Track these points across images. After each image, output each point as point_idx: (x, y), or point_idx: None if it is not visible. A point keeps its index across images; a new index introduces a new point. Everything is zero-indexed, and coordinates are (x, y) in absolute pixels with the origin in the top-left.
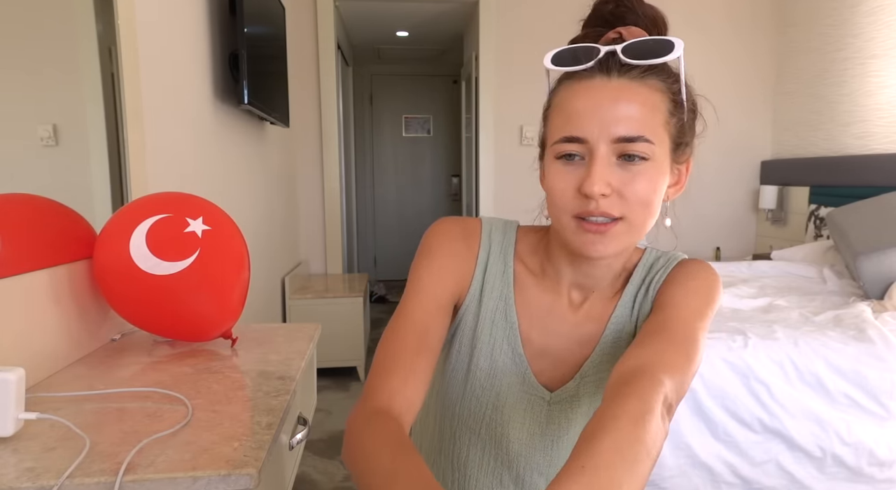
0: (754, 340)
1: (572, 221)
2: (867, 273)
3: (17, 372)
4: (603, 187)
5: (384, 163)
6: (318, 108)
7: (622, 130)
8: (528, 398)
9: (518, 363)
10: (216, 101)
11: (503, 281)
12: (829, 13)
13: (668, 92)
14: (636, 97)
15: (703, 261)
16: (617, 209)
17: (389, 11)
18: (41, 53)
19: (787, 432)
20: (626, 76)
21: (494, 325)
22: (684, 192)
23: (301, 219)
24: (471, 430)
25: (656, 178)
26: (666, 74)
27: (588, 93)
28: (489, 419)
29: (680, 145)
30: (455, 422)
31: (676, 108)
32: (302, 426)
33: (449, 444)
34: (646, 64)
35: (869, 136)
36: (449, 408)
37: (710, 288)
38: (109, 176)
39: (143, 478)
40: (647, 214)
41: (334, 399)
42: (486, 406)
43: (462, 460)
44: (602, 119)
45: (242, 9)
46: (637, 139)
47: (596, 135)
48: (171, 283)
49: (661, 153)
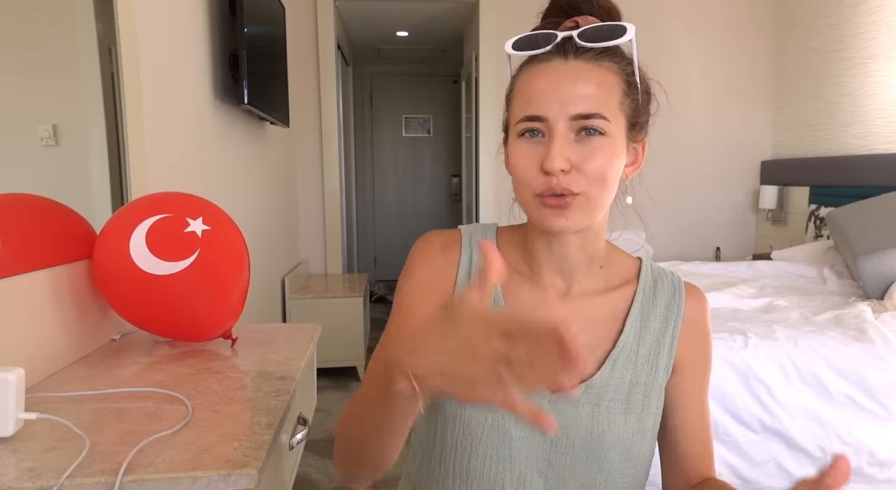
0: (754, 340)
1: (535, 199)
2: (867, 273)
3: (17, 372)
4: (562, 163)
5: (384, 163)
6: (318, 108)
7: (580, 108)
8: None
9: None
10: (216, 101)
11: None
12: (829, 13)
13: (622, 74)
14: (592, 77)
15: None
16: (576, 185)
17: (389, 11)
18: (41, 53)
19: (788, 432)
20: (581, 58)
21: None
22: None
23: (301, 219)
24: (473, 436)
25: (613, 154)
26: (620, 57)
27: (547, 74)
28: (490, 422)
29: (635, 125)
30: (458, 430)
31: (630, 89)
32: (302, 426)
33: (450, 452)
34: (600, 46)
35: (869, 136)
36: (451, 417)
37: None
38: (109, 176)
39: (143, 478)
40: (605, 189)
41: (334, 399)
42: (486, 409)
43: (464, 468)
44: (560, 98)
45: (242, 9)
46: (593, 116)
47: (555, 113)
48: (171, 283)
49: (616, 131)
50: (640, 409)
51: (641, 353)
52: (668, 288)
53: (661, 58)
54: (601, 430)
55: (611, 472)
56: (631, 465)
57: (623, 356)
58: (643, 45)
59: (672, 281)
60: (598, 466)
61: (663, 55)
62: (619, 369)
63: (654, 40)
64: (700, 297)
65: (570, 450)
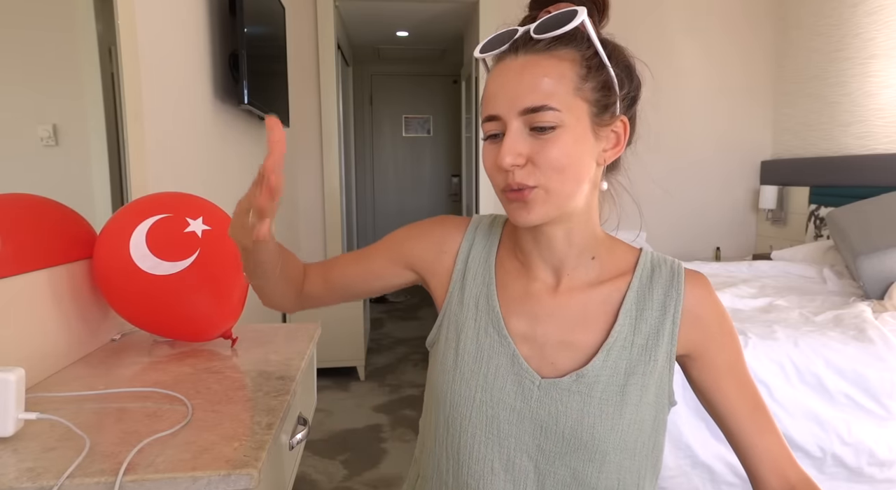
0: (754, 340)
1: (501, 194)
2: (867, 273)
3: (17, 372)
4: (513, 159)
5: (384, 163)
6: (318, 108)
7: (527, 102)
8: (517, 380)
9: (505, 345)
10: (216, 100)
11: (485, 268)
12: (829, 13)
13: (580, 59)
14: (539, 69)
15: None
16: (532, 178)
17: (389, 11)
18: (41, 53)
19: (787, 432)
20: (531, 52)
21: (479, 310)
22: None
23: (301, 218)
24: (462, 416)
25: (570, 144)
26: (577, 42)
27: (499, 73)
28: (479, 401)
29: (606, 107)
30: (448, 408)
31: (591, 73)
32: (302, 426)
33: (444, 433)
34: (549, 36)
35: (869, 136)
36: (442, 396)
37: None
38: (109, 176)
39: (143, 478)
40: (565, 180)
41: (334, 399)
42: (475, 388)
43: (455, 447)
44: (509, 94)
45: (242, 9)
46: (541, 108)
47: (506, 110)
48: (171, 283)
49: (572, 120)
50: (637, 400)
51: (637, 342)
52: (665, 275)
53: (662, 58)
54: (591, 421)
55: (603, 463)
56: (628, 457)
57: (617, 346)
58: (643, 44)
59: (671, 268)
60: (588, 457)
61: (663, 55)
62: (612, 359)
63: (655, 40)
64: (701, 282)
65: (559, 438)
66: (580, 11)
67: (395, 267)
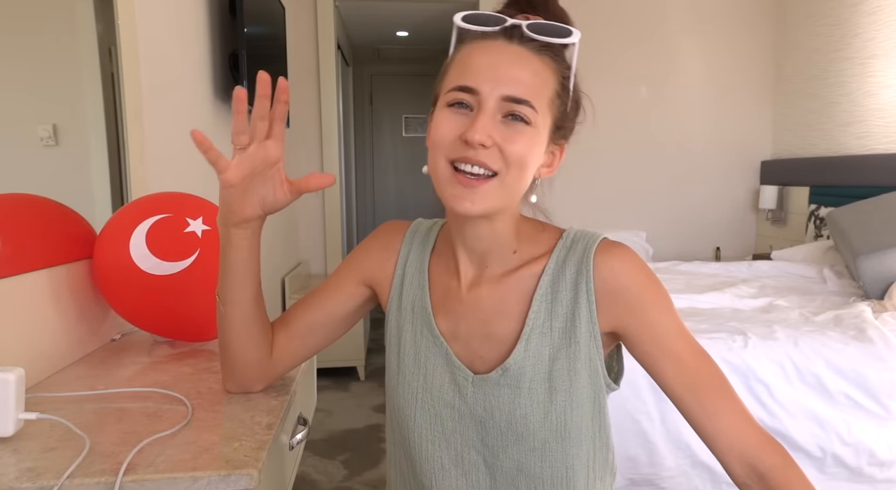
0: (754, 340)
1: (447, 168)
2: (867, 273)
3: (17, 372)
4: (484, 138)
5: (384, 163)
6: (318, 108)
7: (513, 91)
8: (452, 378)
9: (438, 344)
10: (216, 100)
11: (419, 272)
12: (829, 13)
13: (559, 74)
14: (530, 66)
15: (619, 247)
16: (495, 163)
17: (389, 11)
18: (41, 53)
19: (788, 432)
20: (525, 46)
21: (414, 314)
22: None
23: (301, 219)
24: (408, 417)
25: (535, 143)
26: (561, 58)
27: (489, 50)
28: (421, 401)
29: (560, 128)
30: (396, 411)
31: (562, 92)
32: (302, 426)
33: (398, 435)
34: (544, 40)
35: (869, 136)
36: (390, 400)
37: (658, 284)
38: (109, 176)
39: (143, 478)
40: (521, 177)
41: (334, 399)
42: (416, 389)
43: (407, 448)
44: (497, 76)
45: (242, 9)
46: (524, 102)
47: (488, 89)
48: (171, 283)
49: (542, 125)
50: (567, 386)
51: (556, 326)
52: (578, 252)
53: (662, 58)
54: (523, 412)
55: (545, 452)
56: (572, 445)
57: (535, 334)
58: (643, 44)
59: (585, 244)
60: (529, 448)
61: (664, 55)
62: (533, 348)
63: (655, 40)
64: (615, 253)
65: (497, 432)
66: (575, 33)
67: (350, 285)
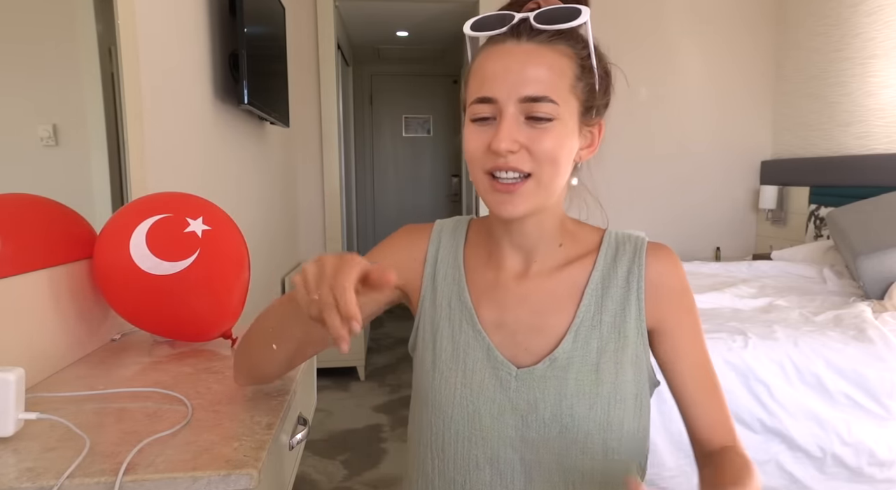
0: (754, 340)
1: (485, 178)
2: (867, 273)
3: (17, 372)
4: (510, 144)
5: (384, 163)
6: (318, 108)
7: (529, 90)
8: (494, 372)
9: (479, 339)
10: (216, 100)
11: (454, 268)
12: (829, 13)
13: (577, 57)
14: (543, 60)
15: (665, 247)
16: (527, 165)
17: (389, 11)
18: (41, 53)
19: (788, 432)
20: (535, 40)
21: (451, 308)
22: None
23: (301, 218)
24: (444, 414)
25: (563, 137)
26: (575, 40)
27: (499, 56)
28: (459, 397)
29: (590, 108)
30: (430, 409)
31: (584, 73)
32: (302, 426)
33: (428, 433)
34: (554, 29)
35: (869, 136)
36: (424, 397)
37: (691, 291)
38: (109, 176)
39: (143, 478)
40: (555, 172)
41: (334, 399)
42: (454, 385)
43: (440, 446)
44: (511, 80)
45: (242, 9)
46: (542, 99)
47: (505, 95)
48: (171, 283)
49: (567, 115)
50: (613, 378)
51: (606, 320)
52: (629, 251)
53: (662, 58)
54: (569, 402)
55: (587, 443)
56: (613, 438)
57: (585, 326)
58: (644, 44)
59: (635, 243)
60: (571, 440)
61: (664, 55)
62: (582, 339)
63: (655, 40)
64: (664, 256)
65: (540, 424)
66: (584, 11)
67: None
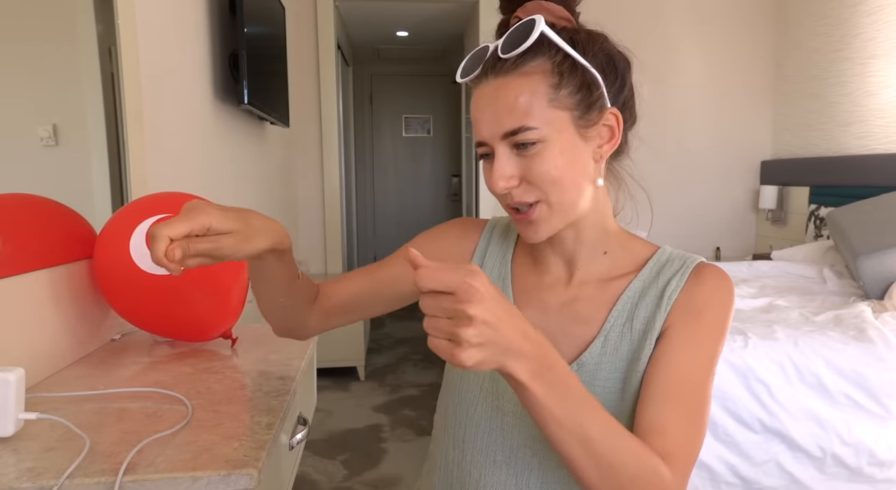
0: (754, 340)
1: (509, 210)
2: (867, 273)
3: (17, 372)
4: (505, 182)
5: (384, 163)
6: (318, 108)
7: (506, 125)
8: None
9: None
10: (216, 101)
11: (502, 266)
12: (829, 13)
13: (550, 67)
14: (510, 91)
15: (720, 270)
16: (530, 194)
17: (389, 11)
18: (41, 54)
19: (788, 432)
20: (501, 73)
21: None
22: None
23: (301, 218)
24: (469, 404)
25: (556, 155)
26: (544, 51)
27: (478, 97)
28: (487, 390)
29: (590, 106)
30: (457, 397)
31: (565, 79)
32: (302, 426)
33: (452, 422)
34: (513, 55)
35: (869, 136)
36: (453, 385)
37: (725, 317)
38: (109, 176)
39: (143, 478)
40: (562, 190)
41: (334, 399)
42: (484, 378)
43: (461, 437)
44: (488, 120)
45: (242, 9)
46: (519, 130)
47: (489, 136)
48: (171, 283)
49: (554, 132)
50: (638, 387)
51: (637, 327)
52: (675, 267)
53: (662, 58)
54: None
55: None
56: None
57: (615, 332)
58: (644, 44)
59: (683, 261)
60: None
61: (664, 55)
62: (611, 345)
63: (655, 40)
64: (708, 277)
65: None
66: (537, 21)
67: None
